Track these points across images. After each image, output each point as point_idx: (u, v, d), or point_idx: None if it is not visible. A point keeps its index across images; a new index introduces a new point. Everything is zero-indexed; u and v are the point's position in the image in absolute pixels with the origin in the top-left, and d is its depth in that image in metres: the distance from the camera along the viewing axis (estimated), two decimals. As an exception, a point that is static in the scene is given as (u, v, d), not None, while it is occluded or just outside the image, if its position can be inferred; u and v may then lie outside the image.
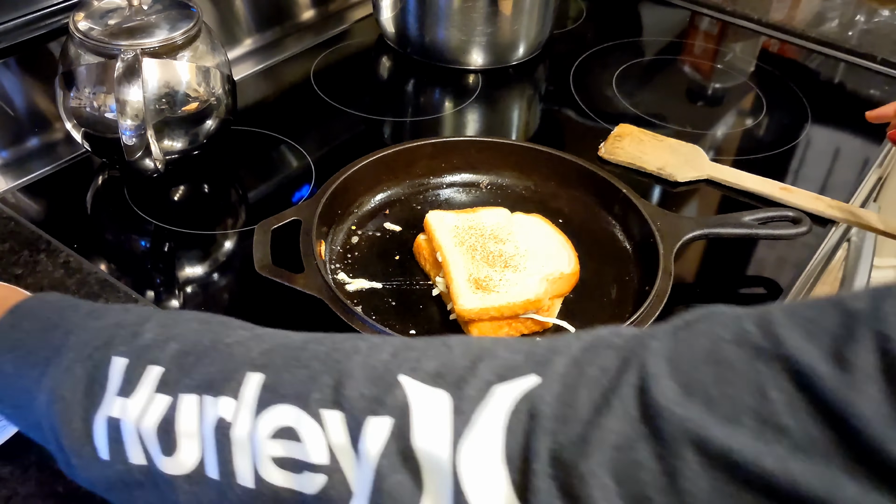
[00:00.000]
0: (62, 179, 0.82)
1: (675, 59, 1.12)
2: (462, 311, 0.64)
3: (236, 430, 0.38)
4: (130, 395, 0.40)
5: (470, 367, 0.35)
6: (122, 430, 0.40)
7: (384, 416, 0.35)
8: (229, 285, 0.72)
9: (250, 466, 0.37)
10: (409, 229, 0.76)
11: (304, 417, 0.36)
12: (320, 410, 0.36)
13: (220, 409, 0.38)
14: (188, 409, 0.39)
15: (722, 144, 0.95)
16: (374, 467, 0.34)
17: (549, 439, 0.31)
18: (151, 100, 0.73)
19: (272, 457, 0.37)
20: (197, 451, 0.39)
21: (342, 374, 0.37)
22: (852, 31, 1.16)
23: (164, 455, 0.39)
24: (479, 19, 1.00)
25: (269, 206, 0.76)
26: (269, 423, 0.37)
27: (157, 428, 0.39)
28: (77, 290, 0.68)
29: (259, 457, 0.37)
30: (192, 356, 0.41)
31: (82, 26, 0.73)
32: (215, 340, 0.42)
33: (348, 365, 0.37)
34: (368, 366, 0.37)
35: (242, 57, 1.02)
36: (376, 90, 1.02)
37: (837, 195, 0.84)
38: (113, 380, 0.41)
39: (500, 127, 0.99)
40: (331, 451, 0.36)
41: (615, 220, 0.77)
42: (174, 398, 0.40)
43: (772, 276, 0.76)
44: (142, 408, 0.40)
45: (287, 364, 0.39)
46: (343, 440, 0.35)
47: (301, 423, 0.36)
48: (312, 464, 0.36)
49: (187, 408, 0.39)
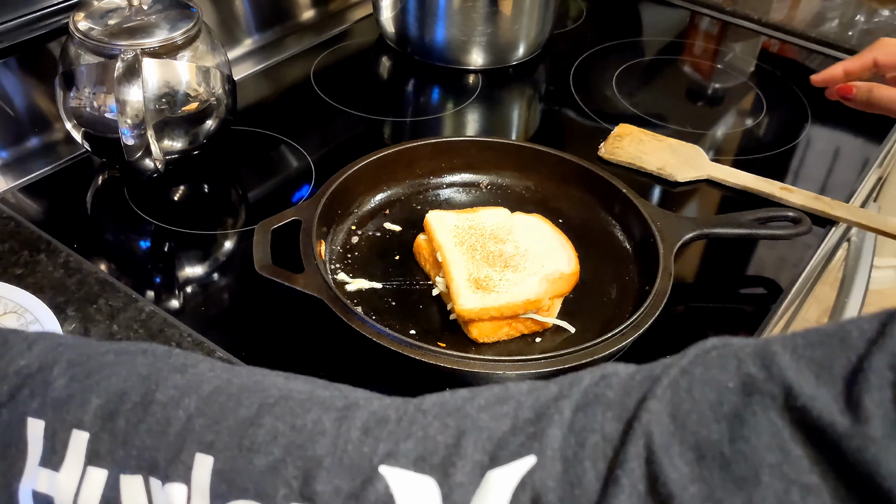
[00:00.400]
0: (62, 179, 0.82)
1: (675, 59, 1.12)
2: (462, 310, 0.64)
3: None
4: (59, 468, 0.35)
5: (454, 445, 0.31)
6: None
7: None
8: (229, 285, 0.72)
9: None
10: (409, 229, 0.75)
11: None
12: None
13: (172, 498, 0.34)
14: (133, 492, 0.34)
15: (722, 144, 0.95)
16: None
17: None
18: (151, 100, 0.73)
19: None
20: None
21: (309, 461, 0.32)
22: (852, 31, 1.16)
23: None
24: (479, 19, 1.00)
25: (269, 206, 0.76)
26: None
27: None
28: (77, 289, 0.68)
29: None
30: (120, 418, 0.36)
31: (82, 26, 0.73)
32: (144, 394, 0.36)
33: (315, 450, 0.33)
34: (338, 449, 0.32)
35: (242, 57, 1.02)
36: (376, 90, 1.02)
37: (837, 195, 0.84)
38: (32, 446, 0.36)
39: (500, 127, 0.99)
40: None
41: (615, 220, 0.77)
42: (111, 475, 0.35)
43: (772, 276, 0.76)
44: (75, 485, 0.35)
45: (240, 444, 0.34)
46: None
47: None
48: None
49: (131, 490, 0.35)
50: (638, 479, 0.27)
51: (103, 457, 0.35)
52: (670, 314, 0.67)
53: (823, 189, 0.87)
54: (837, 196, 0.83)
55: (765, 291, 0.75)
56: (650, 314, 0.63)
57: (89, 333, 0.64)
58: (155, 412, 0.35)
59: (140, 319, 0.66)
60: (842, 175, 0.90)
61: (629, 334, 0.61)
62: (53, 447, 0.36)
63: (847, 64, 0.77)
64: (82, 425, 0.36)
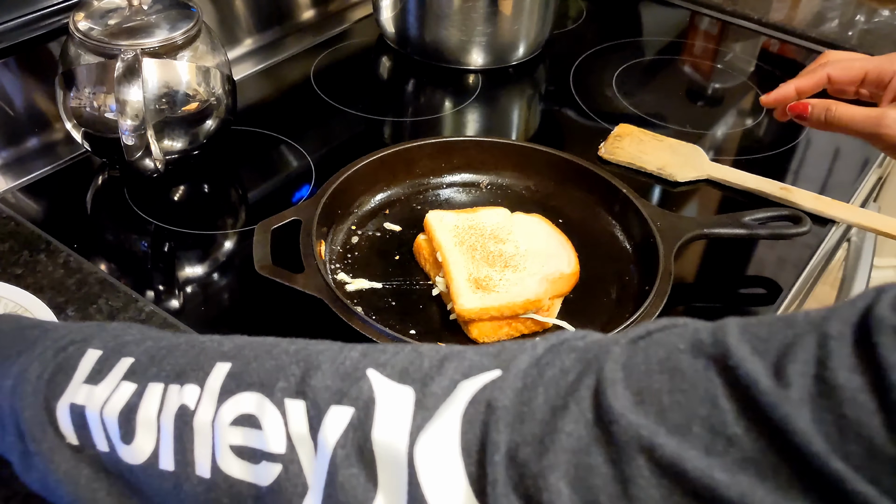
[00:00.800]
0: (62, 179, 0.82)
1: (675, 59, 1.12)
2: (462, 310, 0.64)
3: (198, 417, 0.37)
4: (98, 382, 0.40)
5: (437, 367, 0.35)
6: (86, 415, 0.40)
7: (346, 407, 0.34)
8: (229, 285, 0.72)
9: (209, 456, 0.37)
10: (409, 229, 0.75)
11: (266, 405, 0.36)
12: (284, 399, 0.36)
13: (185, 397, 0.38)
14: (151, 398, 0.39)
15: (722, 144, 0.95)
16: (329, 457, 0.34)
17: (507, 434, 0.31)
18: (151, 100, 0.73)
19: (231, 445, 0.36)
20: (151, 441, 0.38)
21: (310, 366, 0.37)
22: (852, 31, 1.16)
23: (123, 442, 0.39)
24: (479, 19, 1.00)
25: (269, 206, 0.76)
26: (231, 409, 0.37)
27: (119, 414, 0.39)
28: (77, 289, 0.68)
29: (219, 445, 0.37)
30: (164, 350, 0.41)
31: (82, 26, 0.73)
32: (190, 339, 0.42)
33: (318, 359, 0.37)
34: (337, 361, 0.37)
35: (242, 57, 1.02)
36: (376, 90, 1.02)
37: (837, 195, 0.84)
38: (83, 368, 0.41)
39: (500, 127, 0.99)
40: (289, 440, 0.35)
41: (615, 220, 0.77)
42: (140, 387, 0.39)
43: (772, 276, 0.76)
44: (107, 394, 0.40)
45: (257, 356, 0.39)
46: (303, 429, 0.35)
47: (263, 410, 0.36)
48: (270, 453, 0.35)
49: (151, 396, 0.39)
50: (586, 407, 0.30)
51: (138, 374, 0.40)
52: (670, 314, 0.67)
53: (823, 189, 0.87)
54: (837, 196, 0.83)
55: (765, 291, 0.75)
56: (650, 314, 0.63)
57: (89, 333, 0.64)
58: (194, 346, 0.41)
59: (140, 319, 0.66)
60: (842, 175, 0.90)
61: (629, 334, 0.61)
62: (101, 369, 0.41)
63: (799, 82, 0.73)
64: (132, 354, 0.41)
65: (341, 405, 0.34)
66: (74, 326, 0.45)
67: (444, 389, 0.34)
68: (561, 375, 0.32)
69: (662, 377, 0.30)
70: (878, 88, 0.71)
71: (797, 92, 0.73)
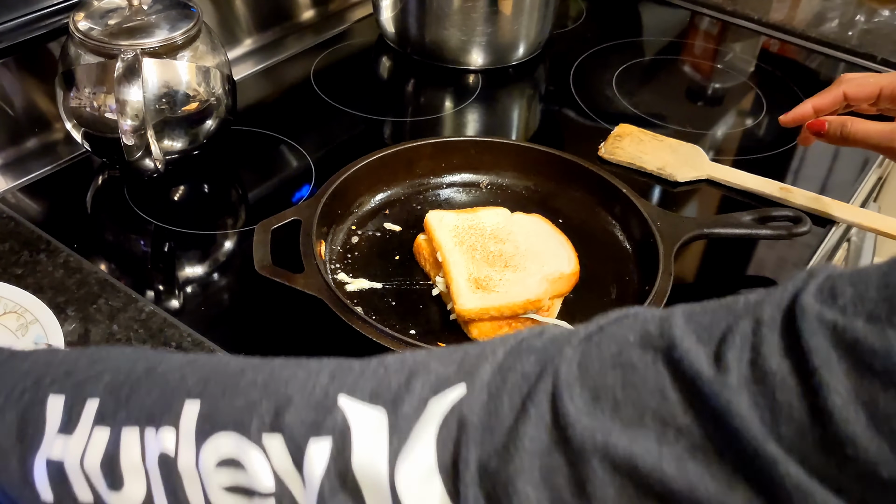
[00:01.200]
0: (62, 179, 0.82)
1: (675, 59, 1.12)
2: (462, 310, 0.64)
3: (181, 462, 0.37)
4: (72, 432, 0.39)
5: (405, 384, 0.35)
6: (65, 470, 0.39)
7: (325, 438, 0.35)
8: (229, 285, 0.72)
9: (201, 496, 0.37)
10: (409, 229, 0.76)
11: (245, 445, 0.36)
12: (262, 436, 0.36)
13: (162, 442, 0.38)
14: (130, 443, 0.38)
15: (722, 144, 0.95)
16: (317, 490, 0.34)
17: (477, 449, 0.32)
18: (151, 100, 0.73)
19: (221, 486, 0.37)
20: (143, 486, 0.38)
21: (281, 399, 0.37)
22: (852, 31, 1.16)
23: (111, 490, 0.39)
24: (479, 19, 1.00)
25: (269, 206, 0.76)
26: (211, 453, 0.37)
27: (101, 464, 0.39)
28: (77, 289, 0.68)
29: (209, 486, 0.37)
30: (126, 386, 0.40)
31: (82, 26, 0.73)
32: (148, 369, 0.41)
33: (287, 391, 0.37)
34: (307, 390, 0.37)
35: (242, 57, 1.02)
36: (376, 90, 1.02)
37: (837, 195, 0.84)
38: (52, 418, 0.40)
39: (500, 127, 0.99)
40: (276, 477, 0.35)
41: (615, 220, 0.77)
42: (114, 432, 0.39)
43: (772, 276, 0.76)
44: (83, 445, 0.39)
45: (224, 391, 0.38)
46: (287, 465, 0.35)
47: (243, 451, 0.36)
48: (261, 492, 0.36)
49: (128, 442, 0.38)
50: (545, 411, 0.31)
51: (108, 417, 0.39)
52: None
53: (823, 189, 0.87)
54: (837, 196, 0.83)
55: (765, 291, 0.75)
56: (650, 314, 0.63)
57: (89, 333, 0.64)
58: (155, 378, 0.40)
59: (140, 319, 0.66)
60: (842, 175, 0.90)
61: (629, 334, 0.61)
62: (70, 417, 0.40)
63: (816, 101, 0.74)
64: (95, 394, 0.40)
65: (319, 437, 0.35)
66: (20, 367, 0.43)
67: (415, 409, 0.34)
68: (522, 380, 0.33)
69: (615, 372, 0.31)
70: (894, 104, 0.72)
71: (815, 110, 0.74)
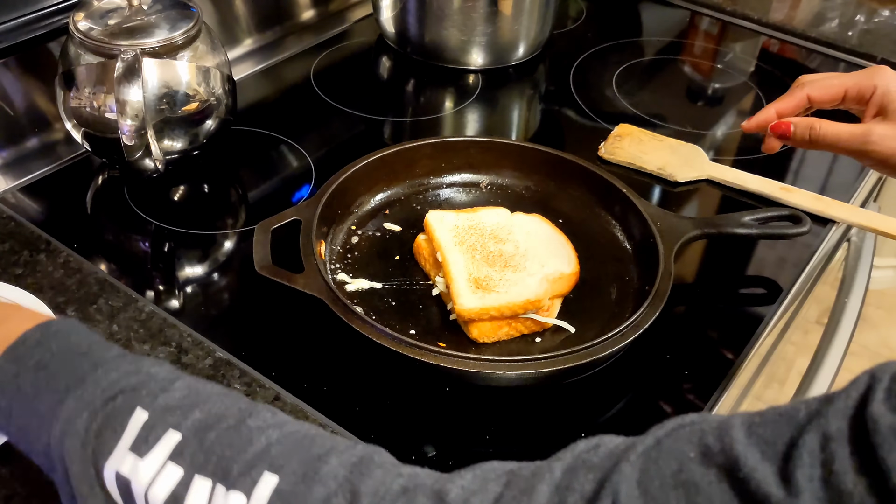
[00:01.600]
0: (62, 179, 0.82)
1: (675, 59, 1.12)
2: (462, 310, 0.64)
3: None
4: (144, 455, 0.40)
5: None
6: (132, 490, 0.40)
7: None
8: (229, 285, 0.72)
9: None
10: (409, 229, 0.75)
11: None
12: None
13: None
14: (199, 492, 0.39)
15: (722, 144, 0.95)
16: None
17: None
18: (151, 100, 0.73)
19: None
20: None
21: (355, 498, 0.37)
22: (852, 31, 1.16)
23: None
24: (479, 19, 1.00)
25: (269, 206, 0.76)
26: None
27: (165, 501, 0.39)
28: (77, 289, 0.68)
29: None
30: (213, 432, 0.41)
31: (82, 26, 0.73)
32: (238, 420, 0.41)
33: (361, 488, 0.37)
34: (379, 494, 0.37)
35: (242, 57, 1.02)
36: (376, 90, 1.02)
37: (837, 195, 0.84)
38: (129, 432, 0.41)
39: (500, 127, 0.99)
40: None
41: (615, 220, 0.77)
42: (187, 474, 0.39)
43: (772, 276, 0.76)
44: (153, 474, 0.40)
45: (305, 475, 0.38)
46: None
47: None
48: None
49: (198, 490, 0.39)
50: None
51: (185, 457, 0.40)
52: (670, 314, 0.67)
53: (823, 189, 0.87)
54: (837, 196, 0.83)
55: (765, 291, 0.75)
56: (650, 314, 0.63)
57: (89, 333, 0.64)
58: (242, 433, 0.40)
59: (140, 319, 0.66)
60: (842, 175, 0.90)
61: (629, 334, 0.61)
62: (147, 437, 0.41)
63: (779, 105, 0.70)
64: (179, 428, 0.41)
65: None
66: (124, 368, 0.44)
67: None
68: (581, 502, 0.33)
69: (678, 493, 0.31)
70: (860, 104, 0.69)
71: (777, 115, 0.71)
